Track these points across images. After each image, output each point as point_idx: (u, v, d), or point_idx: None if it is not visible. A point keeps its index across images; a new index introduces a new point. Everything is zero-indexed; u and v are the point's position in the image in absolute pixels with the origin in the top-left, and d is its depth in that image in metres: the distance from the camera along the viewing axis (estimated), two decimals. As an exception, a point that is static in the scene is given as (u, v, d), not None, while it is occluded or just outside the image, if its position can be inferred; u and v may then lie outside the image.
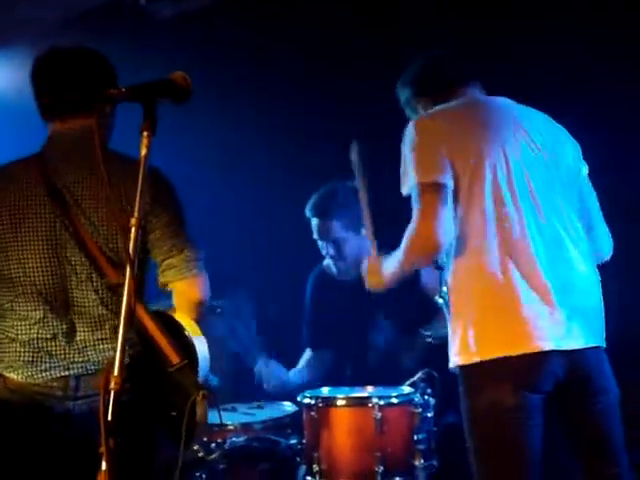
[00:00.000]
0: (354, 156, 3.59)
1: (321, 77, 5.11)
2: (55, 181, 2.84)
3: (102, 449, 1.96)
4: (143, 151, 2.14)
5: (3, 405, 2.89)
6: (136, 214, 2.12)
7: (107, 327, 2.82)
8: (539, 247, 2.94)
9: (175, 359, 2.68)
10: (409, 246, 2.97)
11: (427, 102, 3.26)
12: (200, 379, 2.72)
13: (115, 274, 2.77)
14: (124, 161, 2.81)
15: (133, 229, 2.11)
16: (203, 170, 5.15)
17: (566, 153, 3.13)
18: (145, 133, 2.14)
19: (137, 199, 2.13)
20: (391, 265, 3.15)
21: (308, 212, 4.45)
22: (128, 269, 2.07)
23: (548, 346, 2.87)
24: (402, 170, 3.02)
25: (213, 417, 2.89)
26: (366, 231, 3.63)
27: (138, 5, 5.06)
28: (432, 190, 2.92)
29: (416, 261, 3.06)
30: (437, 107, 3.17)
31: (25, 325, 2.84)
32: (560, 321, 2.90)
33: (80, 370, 2.81)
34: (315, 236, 4.48)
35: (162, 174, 2.86)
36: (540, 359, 2.87)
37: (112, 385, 2.01)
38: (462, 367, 2.97)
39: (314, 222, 4.46)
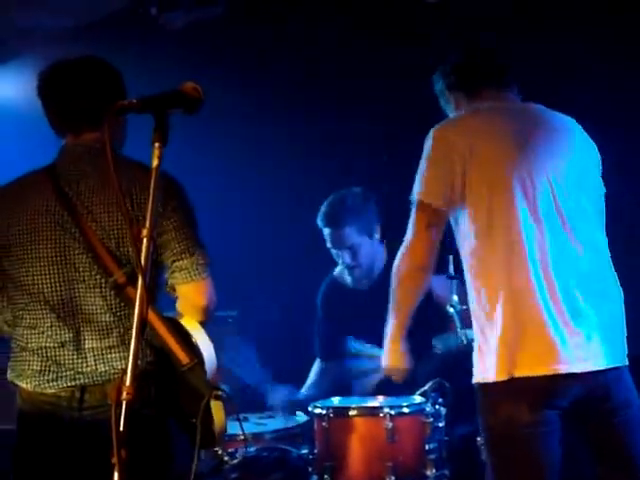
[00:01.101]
0: None
1: (329, 84, 5.12)
2: (66, 190, 2.86)
3: (114, 460, 1.95)
4: (155, 162, 2.13)
5: (18, 414, 2.92)
6: (147, 225, 2.12)
7: (114, 335, 2.82)
8: (562, 268, 2.91)
9: (185, 359, 2.71)
10: (399, 261, 3.06)
11: (460, 97, 3.21)
12: (209, 379, 2.74)
13: (121, 273, 2.77)
14: (133, 166, 2.82)
15: (145, 240, 2.11)
16: (211, 179, 5.15)
17: (593, 166, 3.09)
18: (156, 144, 2.13)
19: (149, 210, 2.12)
20: (392, 313, 3.19)
21: (320, 222, 4.44)
22: (140, 280, 2.06)
23: (566, 369, 2.85)
24: (417, 175, 3.03)
25: (231, 427, 2.90)
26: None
27: (149, 15, 5.07)
28: (428, 212, 2.97)
29: (406, 282, 3.09)
30: (462, 114, 3.14)
31: (34, 334, 2.86)
32: (580, 343, 2.88)
33: (87, 381, 2.81)
34: (329, 245, 4.47)
35: (173, 177, 2.86)
36: (559, 380, 2.86)
37: (124, 396, 2.00)
38: (481, 384, 2.96)
39: (326, 232, 4.44)
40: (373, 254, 4.44)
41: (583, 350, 2.88)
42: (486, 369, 2.92)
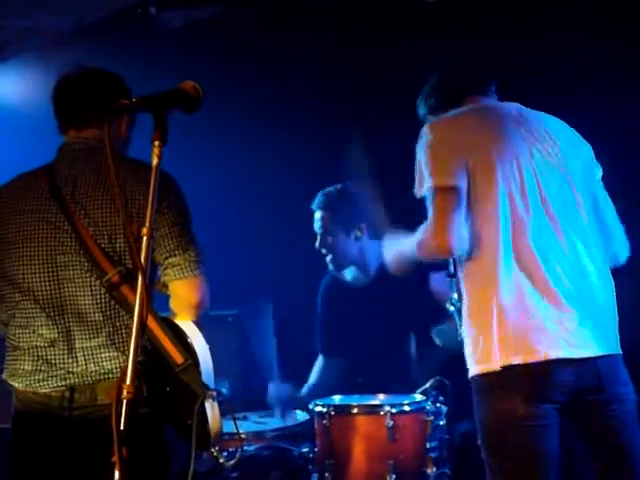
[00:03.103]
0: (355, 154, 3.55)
1: (329, 83, 5.12)
2: (62, 189, 2.87)
3: (114, 458, 1.96)
4: (155, 160, 2.14)
5: (14, 413, 2.94)
6: (147, 224, 2.12)
7: (104, 334, 2.82)
8: (551, 257, 2.92)
9: (179, 359, 2.71)
10: (423, 245, 2.98)
11: (442, 114, 3.23)
12: (204, 380, 2.73)
13: (115, 272, 2.77)
14: (127, 162, 2.86)
15: (145, 239, 2.11)
16: (211, 178, 5.16)
17: (579, 158, 3.10)
18: (156, 143, 2.15)
19: (149, 208, 2.13)
20: (406, 247, 3.14)
21: (313, 204, 4.54)
22: (140, 278, 2.06)
23: (556, 354, 2.85)
24: (416, 173, 3.02)
25: (229, 426, 2.90)
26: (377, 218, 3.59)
27: (148, 15, 5.08)
28: (446, 194, 2.92)
29: (429, 258, 3.07)
30: (450, 113, 3.15)
31: (25, 333, 2.87)
32: (570, 330, 2.88)
33: (77, 380, 2.81)
34: (314, 228, 4.53)
35: (168, 174, 2.86)
36: (549, 368, 2.86)
37: (124, 394, 2.00)
38: (473, 377, 2.97)
39: (315, 215, 4.54)
40: (345, 247, 4.47)
41: (574, 337, 2.88)
42: (478, 361, 2.94)
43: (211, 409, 2.72)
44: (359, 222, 4.46)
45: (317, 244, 4.53)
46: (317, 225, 4.53)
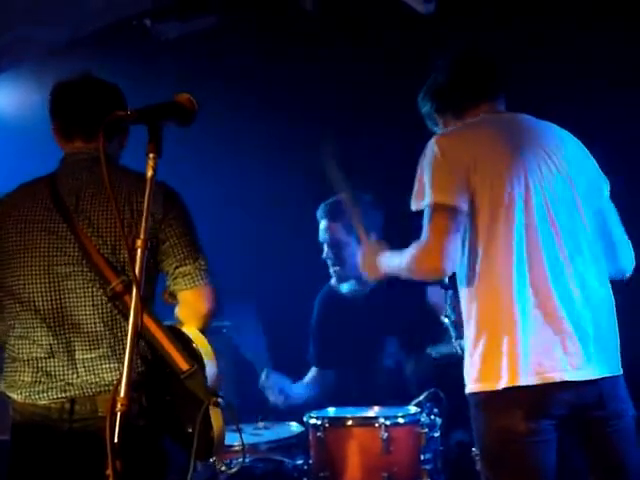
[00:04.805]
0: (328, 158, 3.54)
1: (326, 93, 5.13)
2: (65, 199, 2.88)
3: (109, 471, 1.95)
4: (149, 172, 2.15)
5: (12, 425, 2.93)
6: (142, 235, 2.13)
7: (105, 345, 2.82)
8: (556, 277, 2.89)
9: (185, 366, 2.71)
10: (415, 263, 2.94)
11: (448, 118, 3.21)
12: (210, 386, 2.73)
13: (119, 281, 2.78)
14: (134, 175, 2.86)
15: (139, 250, 2.12)
16: (208, 188, 5.16)
17: (585, 174, 3.06)
18: (151, 155, 2.16)
19: (143, 220, 2.14)
20: (395, 263, 3.10)
21: (318, 214, 4.50)
22: (135, 290, 2.07)
23: (560, 377, 2.83)
24: (416, 185, 2.98)
25: (227, 437, 2.89)
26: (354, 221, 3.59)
27: (143, 27, 5.09)
28: (446, 212, 2.87)
29: (419, 277, 3.04)
30: (458, 126, 3.13)
31: (25, 344, 2.86)
32: (574, 352, 2.86)
33: (77, 392, 2.81)
34: (320, 238, 4.50)
35: (171, 187, 2.90)
36: (552, 389, 2.84)
37: (118, 407, 2.00)
38: (473, 394, 2.94)
39: (321, 225, 4.50)
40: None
41: (578, 358, 2.87)
42: (478, 379, 2.91)
43: (215, 416, 2.72)
44: (371, 231, 4.44)
45: (324, 254, 4.51)
46: (324, 235, 4.51)
